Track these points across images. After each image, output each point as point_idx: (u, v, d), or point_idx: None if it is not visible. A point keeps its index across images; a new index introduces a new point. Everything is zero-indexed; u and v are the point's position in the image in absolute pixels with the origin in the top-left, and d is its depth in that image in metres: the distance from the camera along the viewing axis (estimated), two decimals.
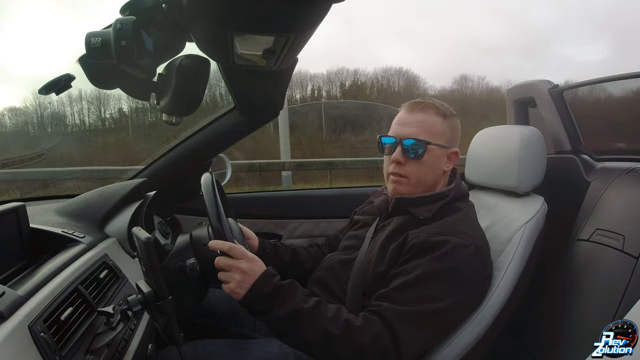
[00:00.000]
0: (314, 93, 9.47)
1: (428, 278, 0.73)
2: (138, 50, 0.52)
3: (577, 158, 1.16)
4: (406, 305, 0.72)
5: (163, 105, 0.65)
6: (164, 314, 0.61)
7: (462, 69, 14.79)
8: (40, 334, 0.52)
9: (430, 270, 0.73)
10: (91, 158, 5.11)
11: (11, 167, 3.78)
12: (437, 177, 0.89)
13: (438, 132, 0.86)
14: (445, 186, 0.89)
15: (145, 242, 0.60)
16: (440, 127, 0.86)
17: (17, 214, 0.72)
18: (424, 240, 0.77)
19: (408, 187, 0.87)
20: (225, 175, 1.38)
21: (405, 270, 0.76)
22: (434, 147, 0.85)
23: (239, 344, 0.88)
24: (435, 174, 0.88)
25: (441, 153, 0.87)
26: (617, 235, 0.87)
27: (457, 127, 0.90)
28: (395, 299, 0.73)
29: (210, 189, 0.78)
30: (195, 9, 0.55)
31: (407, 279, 0.74)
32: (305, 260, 1.03)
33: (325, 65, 9.71)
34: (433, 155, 0.86)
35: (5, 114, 5.96)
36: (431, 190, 0.88)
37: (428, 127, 0.85)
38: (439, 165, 0.87)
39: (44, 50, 8.13)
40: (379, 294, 0.76)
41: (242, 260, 0.71)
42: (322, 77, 9.53)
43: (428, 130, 0.85)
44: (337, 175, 4.85)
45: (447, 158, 0.88)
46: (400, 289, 0.74)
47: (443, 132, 0.86)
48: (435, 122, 0.86)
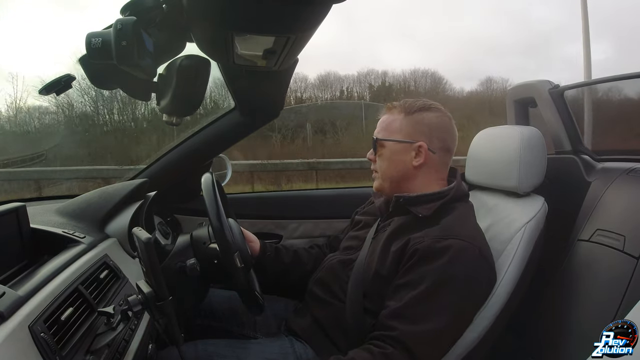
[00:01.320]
0: (343, 94, 9.60)
1: (438, 287, 0.73)
2: (138, 51, 0.52)
3: (577, 158, 1.16)
4: (421, 324, 0.72)
5: (163, 105, 0.66)
6: (165, 314, 0.61)
7: (487, 71, 14.76)
8: (41, 334, 0.52)
9: (438, 279, 0.73)
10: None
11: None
12: (404, 172, 0.89)
13: (395, 128, 0.89)
14: (443, 186, 0.89)
15: (145, 242, 0.60)
16: (398, 124, 0.89)
17: (17, 214, 0.72)
18: (428, 246, 0.76)
19: (379, 181, 0.92)
20: (226, 175, 1.38)
21: (413, 282, 0.75)
22: (389, 142, 0.89)
23: (239, 344, 0.88)
24: (399, 168, 0.89)
25: (399, 148, 0.88)
26: (617, 235, 0.87)
27: (422, 121, 0.88)
28: (409, 317, 0.72)
29: (211, 190, 0.78)
30: (196, 9, 0.55)
31: (417, 292, 0.73)
32: (307, 261, 1.04)
33: (354, 67, 9.87)
34: (389, 150, 0.89)
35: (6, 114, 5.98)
36: (407, 187, 0.88)
37: (386, 125, 0.91)
38: (401, 160, 0.88)
39: (42, 50, 8.12)
40: (391, 311, 0.75)
41: None
42: (353, 78, 9.67)
43: (385, 128, 0.91)
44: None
45: (414, 152, 0.88)
46: (413, 305, 0.73)
47: (401, 128, 0.88)
48: (394, 120, 0.90)
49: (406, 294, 0.74)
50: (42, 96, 0.75)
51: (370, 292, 0.81)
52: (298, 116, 7.03)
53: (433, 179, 0.89)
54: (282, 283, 1.03)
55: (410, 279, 0.75)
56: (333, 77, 9.49)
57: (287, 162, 5.64)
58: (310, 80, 9.32)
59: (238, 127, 1.25)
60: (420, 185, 0.88)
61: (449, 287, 0.73)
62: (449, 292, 0.73)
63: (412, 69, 9.92)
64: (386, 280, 0.80)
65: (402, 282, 0.76)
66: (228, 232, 0.75)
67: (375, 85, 9.83)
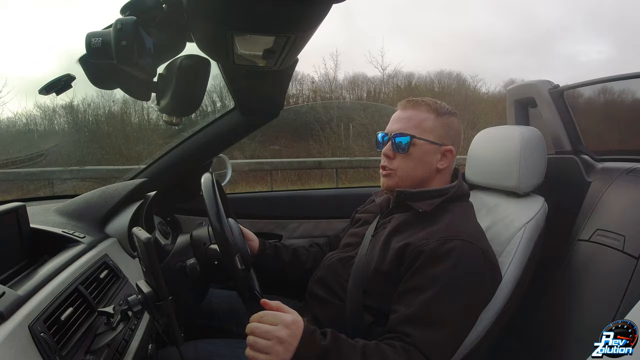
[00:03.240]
0: (370, 95, 9.73)
1: (446, 290, 0.73)
2: (138, 51, 0.52)
3: (577, 158, 1.16)
4: (435, 328, 0.71)
5: (163, 105, 0.65)
6: (164, 314, 0.61)
7: (511, 74, 14.73)
8: (41, 334, 0.52)
9: (446, 282, 0.73)
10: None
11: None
12: (429, 174, 0.88)
13: (428, 128, 0.87)
14: (447, 184, 0.89)
15: (145, 242, 0.60)
16: (431, 123, 0.87)
17: (17, 214, 0.72)
18: (433, 249, 0.75)
19: (396, 179, 0.88)
20: (226, 175, 1.38)
21: (421, 285, 0.74)
22: (422, 141, 0.86)
23: (239, 344, 0.88)
24: (425, 169, 0.88)
25: (431, 149, 0.87)
26: (617, 235, 0.87)
27: (451, 125, 0.89)
28: (423, 322, 0.72)
29: (211, 189, 0.78)
30: (196, 9, 0.55)
31: (427, 296, 0.72)
32: (306, 260, 1.03)
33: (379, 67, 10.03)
34: (421, 150, 0.86)
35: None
36: (423, 187, 0.88)
37: (417, 122, 0.87)
38: (428, 161, 0.87)
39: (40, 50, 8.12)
40: (403, 317, 0.73)
41: (280, 327, 0.64)
42: (379, 79, 9.83)
43: (417, 125, 0.87)
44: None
45: (441, 155, 0.88)
46: (423, 309, 0.72)
47: (434, 128, 0.87)
48: (425, 118, 0.87)
49: (414, 298, 0.73)
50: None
51: (370, 289, 0.81)
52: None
53: (444, 182, 0.90)
54: (282, 281, 1.03)
55: (418, 283, 0.74)
56: (362, 79, 9.61)
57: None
58: (339, 81, 9.47)
59: (238, 127, 1.25)
60: (432, 186, 0.88)
61: (457, 289, 0.73)
62: (457, 294, 0.73)
63: (438, 71, 9.97)
64: (386, 276, 0.79)
65: (409, 287, 0.75)
66: (228, 233, 0.75)
67: (402, 85, 9.90)
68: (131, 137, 5.79)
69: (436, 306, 0.72)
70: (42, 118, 5.88)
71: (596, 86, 1.29)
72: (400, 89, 9.44)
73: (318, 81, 9.13)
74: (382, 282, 0.80)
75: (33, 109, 5.63)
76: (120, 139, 5.75)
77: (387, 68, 9.38)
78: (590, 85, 1.24)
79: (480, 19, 14.05)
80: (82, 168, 3.99)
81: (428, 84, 9.75)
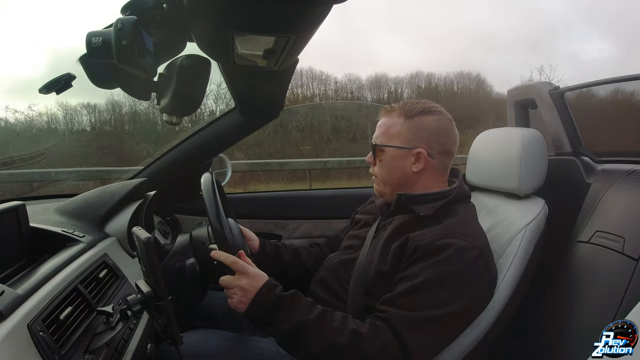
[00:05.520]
0: (391, 95, 9.98)
1: (434, 282, 0.73)
2: (139, 50, 0.52)
3: (577, 160, 1.16)
4: (413, 311, 0.71)
5: (164, 105, 0.66)
6: (164, 314, 0.61)
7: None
8: (40, 333, 0.52)
9: (435, 275, 0.73)
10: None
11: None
12: (405, 178, 0.87)
13: (395, 133, 0.87)
14: (443, 187, 0.89)
15: (145, 241, 0.60)
16: (398, 128, 0.87)
17: (17, 213, 0.72)
18: (428, 243, 0.76)
19: (379, 185, 0.91)
20: (225, 175, 1.38)
21: (410, 275, 0.75)
22: (389, 148, 0.87)
23: (239, 343, 0.88)
24: (398, 174, 0.87)
25: (399, 154, 0.87)
26: (617, 237, 0.87)
27: (422, 126, 0.86)
28: (401, 305, 0.72)
29: (210, 189, 0.78)
30: (196, 9, 0.55)
31: (412, 283, 0.73)
32: (306, 260, 1.03)
33: (403, 70, 10.32)
34: (389, 156, 0.88)
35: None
36: (407, 190, 0.87)
37: (385, 129, 0.89)
38: (400, 166, 0.87)
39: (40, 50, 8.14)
40: (385, 298, 0.75)
41: (242, 277, 0.72)
42: (402, 80, 10.08)
43: (385, 132, 0.88)
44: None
45: (414, 158, 0.86)
46: (406, 294, 0.73)
47: (401, 132, 0.86)
48: (394, 124, 0.88)
49: (403, 285, 0.74)
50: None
51: (371, 290, 0.81)
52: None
53: (433, 182, 0.88)
54: (282, 281, 1.01)
55: (409, 272, 0.75)
56: (383, 80, 10.01)
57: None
58: (362, 81, 9.89)
59: (238, 127, 1.25)
60: (420, 189, 0.88)
61: (444, 282, 0.73)
62: (444, 287, 0.73)
63: (458, 72, 10.27)
64: (388, 277, 0.79)
65: (400, 276, 0.77)
66: (228, 234, 0.75)
67: (423, 86, 10.16)
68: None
69: (417, 293, 0.72)
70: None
71: (596, 87, 1.29)
72: (420, 89, 9.65)
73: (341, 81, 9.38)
74: (383, 282, 0.80)
75: (41, 109, 5.64)
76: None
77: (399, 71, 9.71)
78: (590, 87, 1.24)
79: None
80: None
81: (448, 84, 9.95)
